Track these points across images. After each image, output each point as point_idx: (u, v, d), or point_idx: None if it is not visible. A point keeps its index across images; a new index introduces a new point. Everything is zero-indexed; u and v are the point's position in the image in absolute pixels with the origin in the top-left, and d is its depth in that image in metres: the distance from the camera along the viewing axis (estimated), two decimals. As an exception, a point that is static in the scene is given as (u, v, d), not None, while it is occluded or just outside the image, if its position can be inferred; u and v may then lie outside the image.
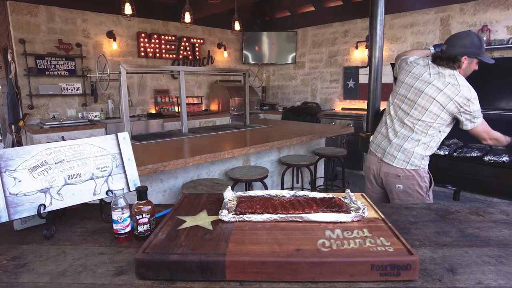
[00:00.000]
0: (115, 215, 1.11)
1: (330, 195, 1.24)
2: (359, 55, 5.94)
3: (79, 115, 5.00)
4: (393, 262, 0.85)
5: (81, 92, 5.03)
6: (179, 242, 0.97)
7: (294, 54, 6.98)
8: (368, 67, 3.10)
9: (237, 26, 5.02)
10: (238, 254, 0.89)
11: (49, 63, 4.66)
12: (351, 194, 1.23)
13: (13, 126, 4.75)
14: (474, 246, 1.04)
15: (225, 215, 1.10)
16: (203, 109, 6.48)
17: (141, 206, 1.13)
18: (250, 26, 6.91)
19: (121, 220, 1.12)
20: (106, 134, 4.50)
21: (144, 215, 1.12)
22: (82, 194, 1.25)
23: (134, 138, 3.14)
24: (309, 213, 1.10)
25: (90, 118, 5.02)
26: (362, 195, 1.34)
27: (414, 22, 5.30)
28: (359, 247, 0.91)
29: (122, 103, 3.12)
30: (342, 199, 1.23)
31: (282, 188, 3.38)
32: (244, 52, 7.03)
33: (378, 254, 0.87)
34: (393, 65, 2.41)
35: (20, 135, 4.79)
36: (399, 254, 0.87)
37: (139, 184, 1.38)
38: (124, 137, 1.38)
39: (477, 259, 0.96)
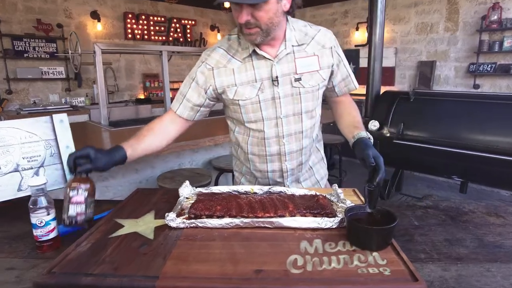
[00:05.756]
0: (34, 218, 0.86)
1: (312, 192, 0.99)
2: (360, 37, 5.61)
3: (63, 100, 4.73)
4: (390, 293, 0.60)
5: (64, 76, 4.75)
6: (102, 257, 0.72)
7: (292, 37, 6.64)
8: (368, 45, 2.81)
9: (229, 5, 4.68)
10: (174, 278, 0.64)
11: (27, 44, 4.36)
12: (339, 190, 0.98)
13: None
14: (498, 261, 0.79)
15: (172, 220, 0.85)
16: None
17: (76, 183, 0.89)
18: (245, 7, 6.55)
19: (42, 224, 0.87)
20: (90, 120, 4.24)
21: (80, 191, 0.88)
22: (2, 189, 1.00)
23: (111, 124, 2.89)
24: (283, 216, 0.85)
25: (74, 103, 4.75)
26: (354, 191, 1.09)
27: (419, 1, 4.95)
28: (343, 268, 0.66)
29: (97, 86, 2.86)
30: (328, 196, 0.98)
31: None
32: (239, 34, 6.69)
33: (369, 279, 0.62)
34: None
35: None
36: (399, 279, 0.62)
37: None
38: (62, 120, 1.12)
39: (504, 281, 0.71)
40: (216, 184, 2.54)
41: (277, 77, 1.10)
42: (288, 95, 1.12)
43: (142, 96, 5.53)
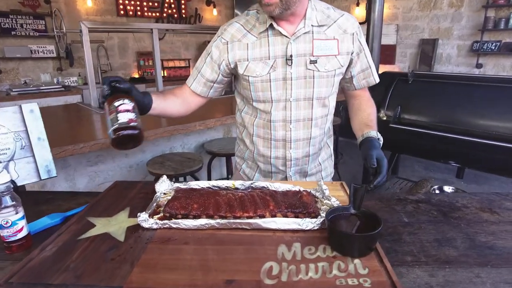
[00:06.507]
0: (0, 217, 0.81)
1: (297, 187, 0.93)
2: (361, 13, 5.40)
3: (55, 80, 4.62)
4: (368, 308, 0.55)
5: (54, 55, 4.60)
6: (67, 264, 0.68)
7: (291, 12, 6.41)
8: (366, 23, 2.68)
9: (224, -21, 4.48)
10: (139, 290, 0.60)
11: (14, 21, 4.20)
12: (324, 186, 0.92)
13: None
14: (489, 265, 0.74)
15: (145, 220, 0.80)
16: (190, 72, 6.04)
17: (119, 96, 0.84)
18: (242, -19, 6.29)
19: (8, 225, 0.82)
20: (82, 101, 4.14)
21: (126, 101, 0.83)
22: (-31, 185, 0.94)
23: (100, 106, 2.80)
24: (263, 216, 0.80)
25: (67, 83, 4.64)
26: (341, 184, 1.04)
27: (423, -25, 4.73)
28: (320, 278, 0.62)
29: (86, 66, 2.76)
30: (313, 192, 0.93)
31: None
32: (236, 10, 6.46)
33: (347, 292, 0.58)
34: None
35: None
36: (379, 293, 0.58)
37: (53, 170, 1.08)
38: (32, 110, 1.06)
39: (494, 289, 0.66)
40: (208, 169, 2.49)
41: (291, 56, 1.04)
42: (301, 77, 1.07)
43: (136, 75, 5.41)
